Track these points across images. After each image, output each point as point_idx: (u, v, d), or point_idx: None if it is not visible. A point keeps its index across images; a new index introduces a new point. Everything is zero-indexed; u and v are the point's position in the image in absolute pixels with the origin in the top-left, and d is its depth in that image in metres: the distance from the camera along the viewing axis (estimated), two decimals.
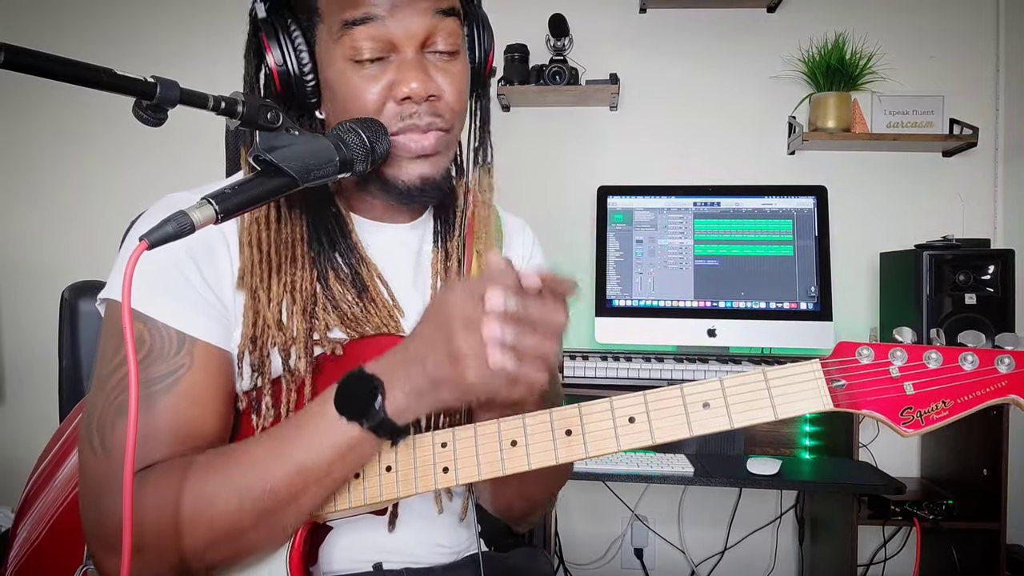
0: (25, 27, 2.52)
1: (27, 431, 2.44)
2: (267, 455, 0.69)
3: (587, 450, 0.68)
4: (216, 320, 0.76)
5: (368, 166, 0.74)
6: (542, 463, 0.68)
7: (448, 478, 0.70)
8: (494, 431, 0.70)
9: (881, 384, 0.65)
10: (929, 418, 0.63)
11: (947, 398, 0.63)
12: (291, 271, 0.79)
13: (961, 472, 2.06)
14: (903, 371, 0.64)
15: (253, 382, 0.77)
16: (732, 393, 0.66)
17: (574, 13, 2.21)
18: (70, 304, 1.11)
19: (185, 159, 2.34)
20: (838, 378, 0.65)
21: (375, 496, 0.71)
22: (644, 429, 0.67)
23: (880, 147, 2.31)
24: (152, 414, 0.71)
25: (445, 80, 0.78)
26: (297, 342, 0.77)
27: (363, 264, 0.83)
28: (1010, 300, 1.93)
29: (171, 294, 0.74)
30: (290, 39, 0.78)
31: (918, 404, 0.64)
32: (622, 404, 0.68)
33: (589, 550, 2.40)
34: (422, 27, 0.75)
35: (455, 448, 0.70)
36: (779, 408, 0.65)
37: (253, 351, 0.76)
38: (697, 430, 0.66)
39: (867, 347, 0.65)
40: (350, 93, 0.76)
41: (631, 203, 2.18)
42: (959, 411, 0.63)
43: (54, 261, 2.49)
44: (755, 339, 2.08)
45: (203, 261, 0.76)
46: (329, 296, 0.80)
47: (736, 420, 0.66)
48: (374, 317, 0.81)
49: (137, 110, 0.59)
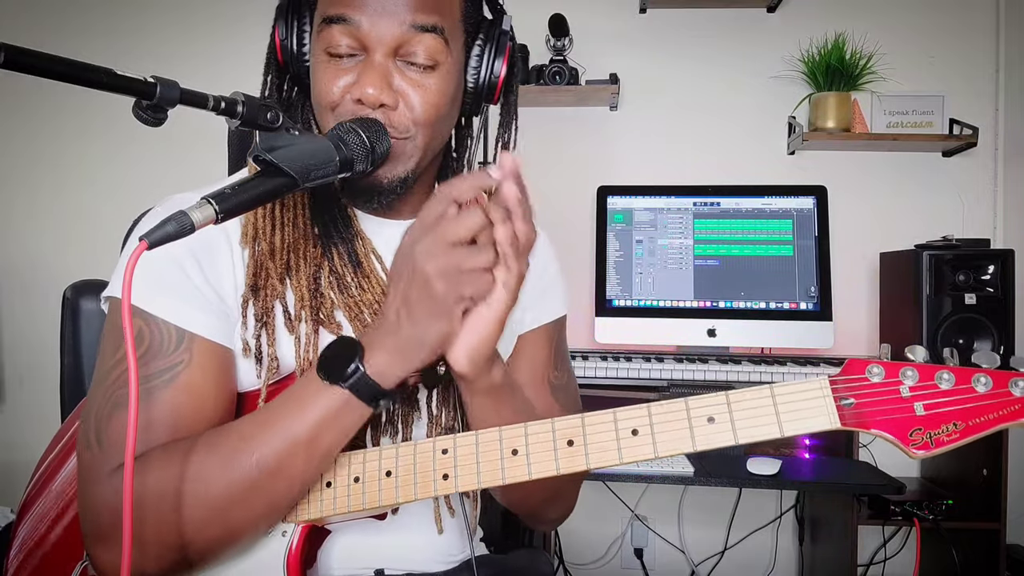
0: (25, 27, 2.52)
1: (27, 431, 2.45)
2: (255, 427, 0.70)
3: (588, 461, 0.67)
4: (217, 316, 0.76)
5: (368, 166, 0.74)
6: (542, 473, 0.67)
7: (448, 485, 0.69)
8: (495, 439, 0.69)
9: (891, 404, 0.63)
10: (939, 440, 0.62)
11: (959, 420, 0.62)
12: (293, 234, 0.81)
13: (961, 472, 2.06)
14: (914, 391, 0.63)
15: (256, 333, 0.77)
16: (738, 408, 0.65)
17: (574, 13, 2.21)
18: (72, 303, 1.11)
19: (185, 158, 2.34)
20: (847, 396, 0.64)
21: (374, 501, 0.71)
22: (647, 442, 0.66)
23: (880, 147, 2.32)
24: (150, 408, 0.71)
25: (413, 90, 0.77)
26: (303, 304, 0.78)
27: (359, 239, 0.84)
28: (1010, 300, 1.93)
29: (171, 291, 0.74)
30: (297, 19, 0.81)
31: (928, 425, 0.62)
32: (625, 416, 0.67)
33: (589, 550, 2.40)
34: (393, 36, 0.75)
35: (456, 455, 0.70)
36: (786, 426, 0.64)
37: (256, 301, 0.77)
38: (701, 445, 0.65)
39: (878, 365, 0.64)
40: (319, 82, 0.78)
41: (631, 203, 2.18)
42: (970, 434, 0.61)
43: (54, 261, 2.49)
44: (755, 339, 2.08)
45: (204, 259, 0.77)
46: (334, 269, 0.81)
47: (741, 436, 0.65)
48: (367, 293, 0.82)
49: (137, 110, 0.59)
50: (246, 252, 0.79)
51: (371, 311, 0.81)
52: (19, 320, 2.52)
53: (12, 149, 2.54)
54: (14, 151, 2.54)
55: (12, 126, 2.53)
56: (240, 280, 0.79)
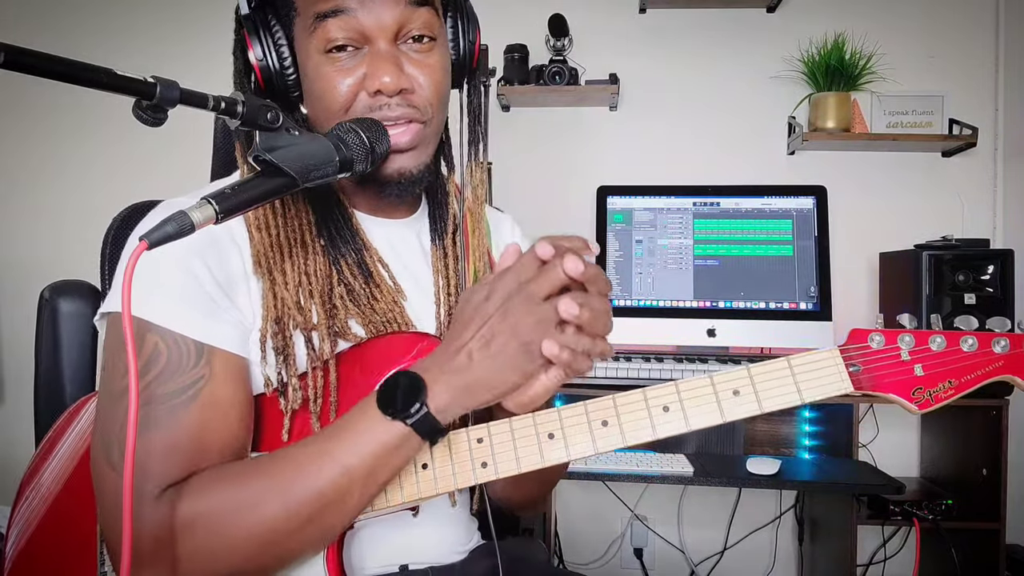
0: (25, 27, 2.52)
1: (27, 431, 2.44)
2: (311, 457, 0.68)
3: (625, 439, 0.70)
4: (232, 325, 0.74)
5: (368, 166, 0.74)
6: (581, 454, 0.70)
7: (487, 472, 0.71)
8: (530, 424, 0.71)
9: (894, 367, 0.70)
10: (938, 396, 0.69)
11: (952, 378, 0.69)
12: (303, 254, 0.79)
13: (960, 472, 2.06)
14: (912, 354, 0.70)
15: (278, 368, 0.76)
16: (760, 380, 0.69)
17: (574, 13, 2.21)
18: (51, 304, 1.03)
19: (181, 158, 2.32)
20: (855, 363, 0.70)
21: (413, 494, 0.72)
22: (679, 417, 0.69)
23: (880, 147, 2.32)
24: (175, 427, 0.69)
25: (420, 72, 0.77)
26: (319, 326, 0.77)
27: (366, 250, 0.84)
28: (1010, 300, 1.93)
29: (185, 303, 0.72)
30: (270, 34, 0.78)
31: (927, 384, 0.69)
32: (655, 394, 0.70)
33: (589, 550, 2.40)
34: (394, 18, 0.75)
35: (491, 443, 0.71)
36: (804, 392, 0.69)
37: (277, 334, 0.75)
38: (729, 416, 0.69)
39: (878, 333, 0.71)
40: (324, 85, 0.77)
41: (631, 203, 2.18)
42: (963, 389, 0.69)
43: (53, 260, 2.49)
44: (755, 339, 2.08)
45: (215, 266, 0.75)
46: (343, 280, 0.81)
47: (766, 405, 0.69)
48: (380, 302, 0.81)
49: (137, 110, 0.58)
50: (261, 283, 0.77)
51: (384, 319, 0.81)
52: (18, 320, 2.52)
53: (6, 147, 2.54)
54: (7, 149, 2.54)
55: (6, 124, 2.53)
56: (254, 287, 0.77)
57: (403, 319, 0.82)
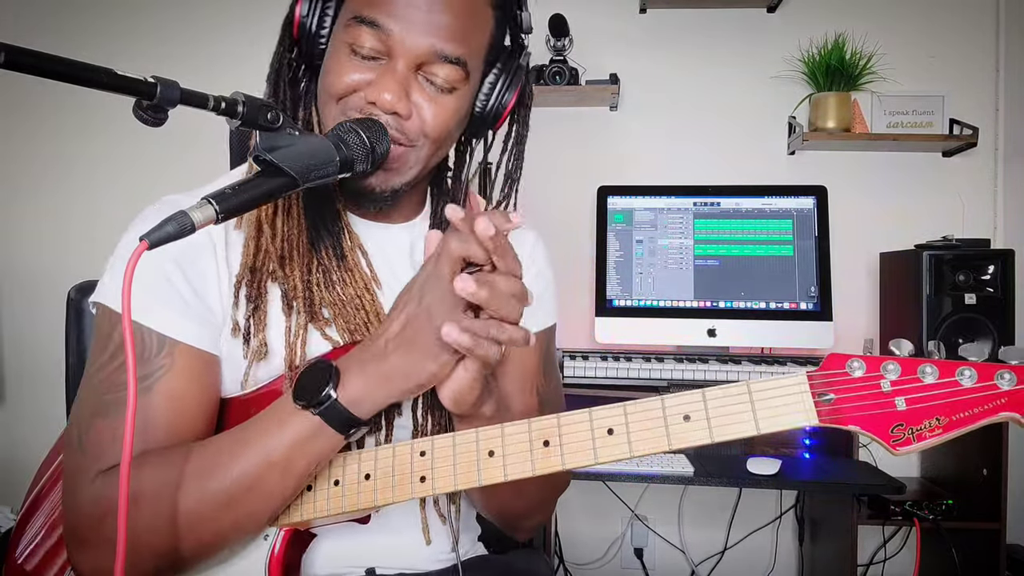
0: (25, 27, 2.52)
1: (27, 431, 2.44)
2: (232, 444, 0.70)
3: (564, 461, 0.66)
4: (200, 323, 0.76)
5: (368, 166, 0.74)
6: (518, 474, 0.67)
7: (425, 487, 0.69)
8: (472, 440, 0.69)
9: (871, 399, 0.62)
10: (921, 435, 0.61)
11: (941, 415, 0.60)
12: (289, 223, 0.80)
13: (961, 472, 2.06)
14: (895, 385, 0.61)
15: (247, 315, 0.77)
16: (714, 406, 0.64)
17: (574, 13, 2.21)
18: (76, 304, 1.13)
19: (185, 158, 2.34)
20: (826, 392, 0.62)
21: (353, 504, 0.71)
22: (623, 442, 0.65)
23: (880, 147, 2.31)
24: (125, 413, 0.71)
25: (428, 105, 0.78)
26: (297, 295, 0.78)
27: (345, 233, 0.84)
28: (1010, 300, 1.93)
29: (154, 298, 0.74)
30: (322, 1, 0.80)
31: (909, 421, 0.61)
32: (601, 415, 0.66)
33: (589, 550, 2.40)
34: (420, 55, 0.76)
35: (433, 457, 0.70)
36: (762, 423, 0.63)
37: (251, 283, 0.77)
38: (677, 444, 0.64)
39: (858, 359, 0.63)
40: (334, 68, 0.78)
41: (631, 203, 2.18)
42: (953, 428, 0.60)
43: (53, 260, 2.49)
44: (755, 339, 2.08)
45: (188, 265, 0.77)
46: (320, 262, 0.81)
47: (717, 434, 0.64)
48: (348, 287, 0.82)
49: (137, 110, 0.59)
50: (242, 235, 0.79)
51: (352, 306, 0.81)
52: (19, 320, 2.52)
53: (11, 147, 2.54)
54: (12, 150, 2.54)
55: (11, 124, 2.53)
56: (225, 288, 0.78)
57: (372, 307, 0.82)
